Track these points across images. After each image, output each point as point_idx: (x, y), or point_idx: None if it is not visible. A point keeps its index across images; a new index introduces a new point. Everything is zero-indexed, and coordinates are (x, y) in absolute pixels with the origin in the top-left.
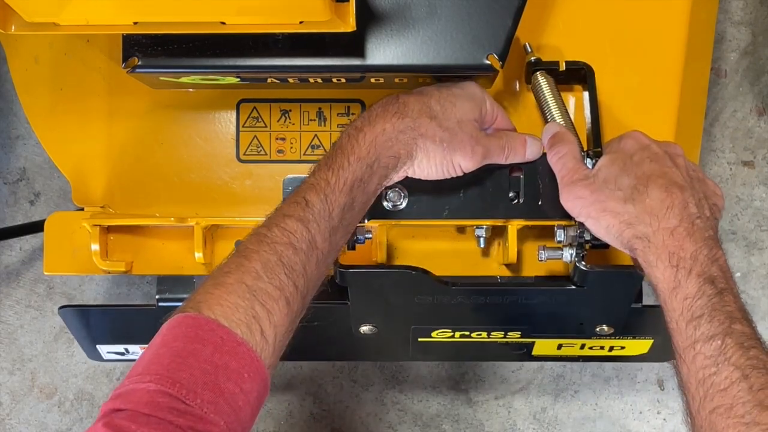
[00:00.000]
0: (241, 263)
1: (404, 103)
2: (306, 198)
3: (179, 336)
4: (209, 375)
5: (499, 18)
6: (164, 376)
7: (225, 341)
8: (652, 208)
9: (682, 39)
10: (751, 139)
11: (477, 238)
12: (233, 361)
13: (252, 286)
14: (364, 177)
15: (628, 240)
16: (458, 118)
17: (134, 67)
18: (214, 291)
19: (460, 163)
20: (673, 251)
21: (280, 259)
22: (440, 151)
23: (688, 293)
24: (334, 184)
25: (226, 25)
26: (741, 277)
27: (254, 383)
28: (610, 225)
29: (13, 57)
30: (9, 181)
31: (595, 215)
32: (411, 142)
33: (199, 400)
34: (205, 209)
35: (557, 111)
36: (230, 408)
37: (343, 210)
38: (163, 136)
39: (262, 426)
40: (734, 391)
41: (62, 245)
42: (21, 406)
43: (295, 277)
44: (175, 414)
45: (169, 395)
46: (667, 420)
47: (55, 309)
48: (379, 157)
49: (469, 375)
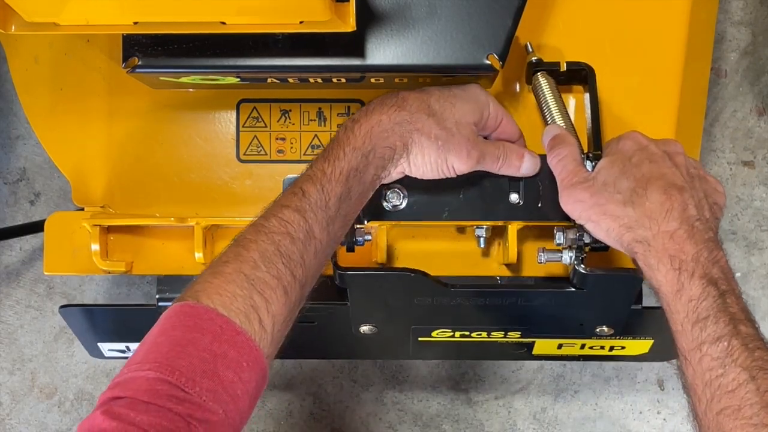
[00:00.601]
0: (240, 253)
1: (403, 98)
2: (303, 188)
3: (178, 325)
4: (208, 363)
5: (499, 18)
6: (163, 364)
7: (224, 330)
8: (651, 212)
9: (682, 39)
10: (751, 139)
11: (477, 238)
12: (232, 350)
13: (250, 276)
14: (359, 166)
15: (628, 243)
16: (456, 119)
17: (134, 67)
18: (212, 280)
19: (453, 164)
20: (674, 254)
21: (277, 248)
22: (435, 148)
23: (692, 295)
24: (330, 174)
25: (226, 25)
26: (741, 277)
27: (253, 372)
28: (610, 228)
29: (13, 57)
30: (9, 181)
31: (595, 218)
32: (407, 135)
33: (198, 388)
34: (205, 209)
35: (558, 112)
36: (229, 396)
37: (340, 199)
38: (163, 136)
39: (262, 426)
40: (742, 392)
41: (62, 245)
42: (21, 406)
43: (292, 266)
44: (174, 401)
45: (168, 383)
46: (667, 420)
47: (55, 309)
48: (374, 147)
49: (469, 375)
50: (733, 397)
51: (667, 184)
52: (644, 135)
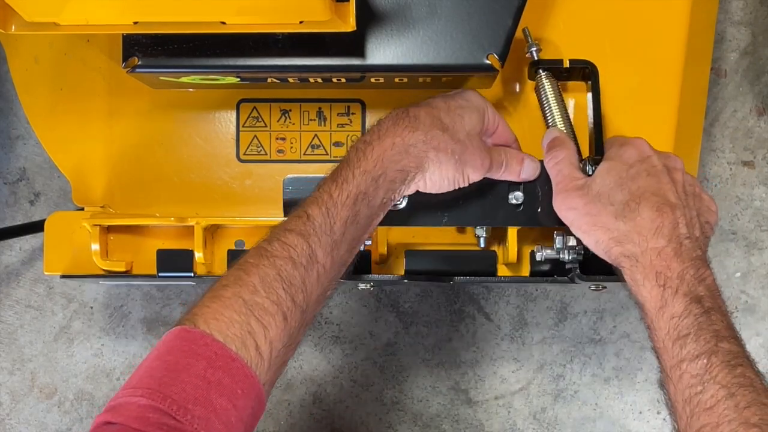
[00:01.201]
0: (240, 277)
1: (415, 116)
2: (307, 212)
3: (173, 349)
4: (201, 390)
5: (499, 18)
6: (155, 391)
7: (219, 356)
8: (642, 228)
9: (682, 39)
10: (751, 139)
11: (477, 238)
12: (226, 377)
13: (249, 301)
14: (368, 191)
15: (616, 257)
16: (467, 131)
17: (134, 67)
18: (210, 304)
19: (469, 175)
20: (660, 271)
21: (278, 273)
22: (453, 163)
23: (674, 312)
24: (336, 197)
25: (226, 25)
26: (741, 277)
27: (248, 400)
28: (599, 240)
29: (13, 57)
30: (9, 181)
31: (586, 228)
32: (422, 155)
33: (189, 416)
34: (205, 209)
35: (559, 115)
36: (222, 425)
37: (346, 224)
38: (163, 136)
39: (262, 426)
40: (720, 409)
41: (62, 245)
42: (21, 406)
43: (293, 291)
44: (164, 430)
45: (159, 411)
46: (667, 420)
47: (55, 309)
48: (386, 171)
49: (469, 375)
50: (711, 414)
51: (661, 201)
52: (649, 144)
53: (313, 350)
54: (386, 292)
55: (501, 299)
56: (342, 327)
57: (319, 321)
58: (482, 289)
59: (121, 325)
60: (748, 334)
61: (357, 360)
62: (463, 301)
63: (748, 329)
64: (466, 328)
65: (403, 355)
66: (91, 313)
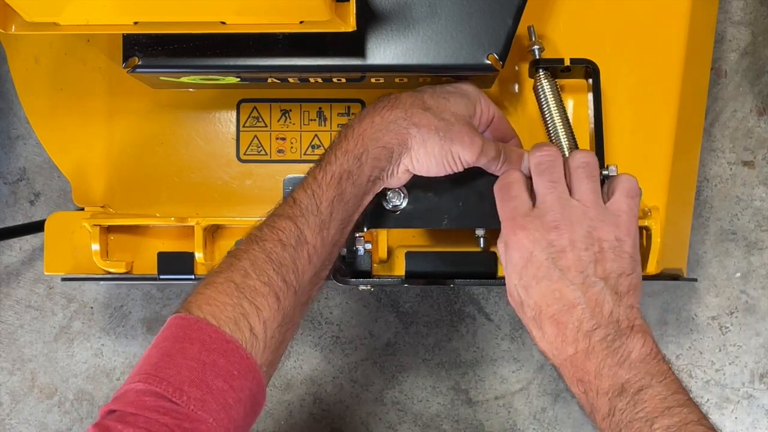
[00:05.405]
0: (231, 263)
1: (396, 97)
2: (294, 196)
3: (168, 336)
4: (196, 372)
5: (500, 18)
6: (151, 375)
7: (213, 339)
8: (551, 344)
9: (682, 39)
10: (751, 139)
11: (477, 238)
12: (221, 359)
13: (240, 284)
14: (352, 169)
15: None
16: (453, 112)
17: (134, 67)
18: (204, 291)
19: (459, 153)
20: (579, 378)
21: (268, 255)
22: (437, 140)
23: (603, 413)
24: (321, 179)
25: (226, 25)
26: (741, 277)
27: (245, 380)
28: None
29: (13, 57)
30: (9, 181)
31: (531, 326)
32: (403, 132)
33: (185, 398)
34: (205, 209)
35: (557, 114)
36: (219, 405)
37: (333, 203)
38: (163, 136)
39: (262, 426)
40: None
41: (62, 245)
42: (21, 406)
43: (284, 272)
44: (161, 412)
45: (156, 394)
46: None
47: (55, 309)
48: (367, 149)
49: (469, 375)
50: None
51: (558, 308)
52: (538, 223)
53: (313, 350)
54: (386, 293)
55: (501, 299)
56: (342, 327)
57: (319, 321)
58: (482, 289)
59: (121, 325)
60: (748, 334)
61: (357, 360)
62: (463, 301)
63: (748, 329)
64: (466, 328)
65: (403, 355)
66: (91, 313)
